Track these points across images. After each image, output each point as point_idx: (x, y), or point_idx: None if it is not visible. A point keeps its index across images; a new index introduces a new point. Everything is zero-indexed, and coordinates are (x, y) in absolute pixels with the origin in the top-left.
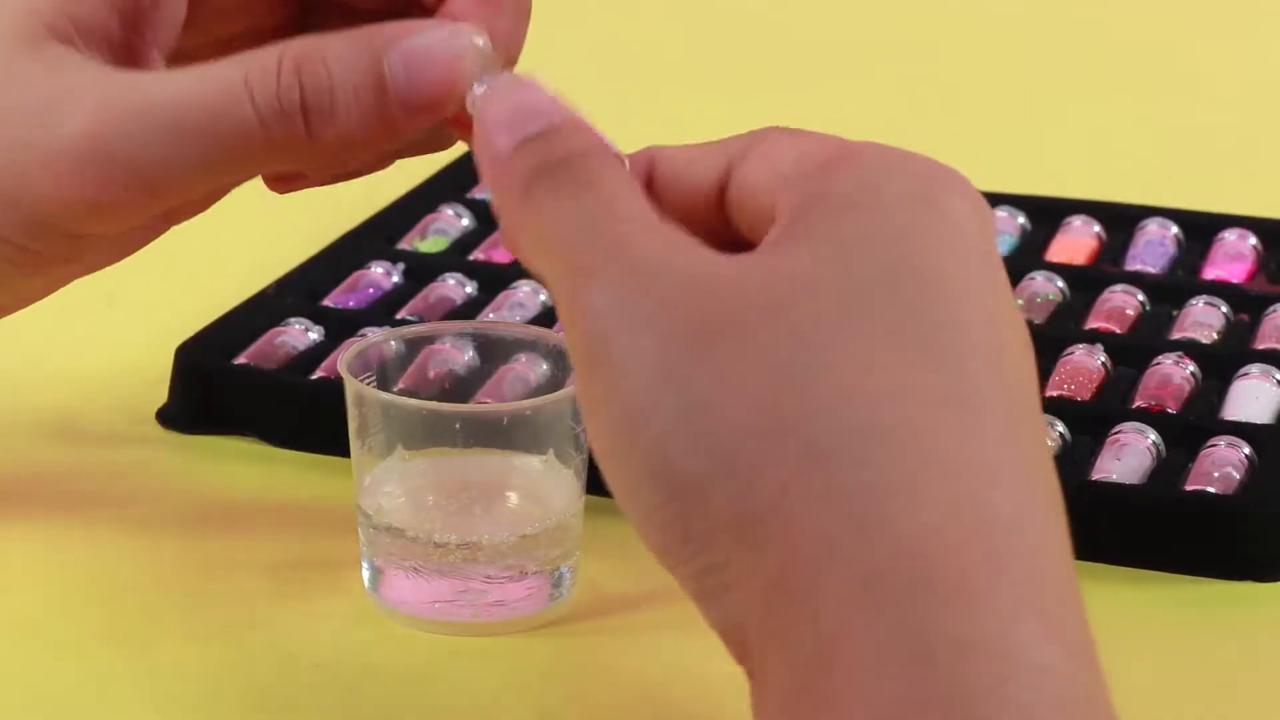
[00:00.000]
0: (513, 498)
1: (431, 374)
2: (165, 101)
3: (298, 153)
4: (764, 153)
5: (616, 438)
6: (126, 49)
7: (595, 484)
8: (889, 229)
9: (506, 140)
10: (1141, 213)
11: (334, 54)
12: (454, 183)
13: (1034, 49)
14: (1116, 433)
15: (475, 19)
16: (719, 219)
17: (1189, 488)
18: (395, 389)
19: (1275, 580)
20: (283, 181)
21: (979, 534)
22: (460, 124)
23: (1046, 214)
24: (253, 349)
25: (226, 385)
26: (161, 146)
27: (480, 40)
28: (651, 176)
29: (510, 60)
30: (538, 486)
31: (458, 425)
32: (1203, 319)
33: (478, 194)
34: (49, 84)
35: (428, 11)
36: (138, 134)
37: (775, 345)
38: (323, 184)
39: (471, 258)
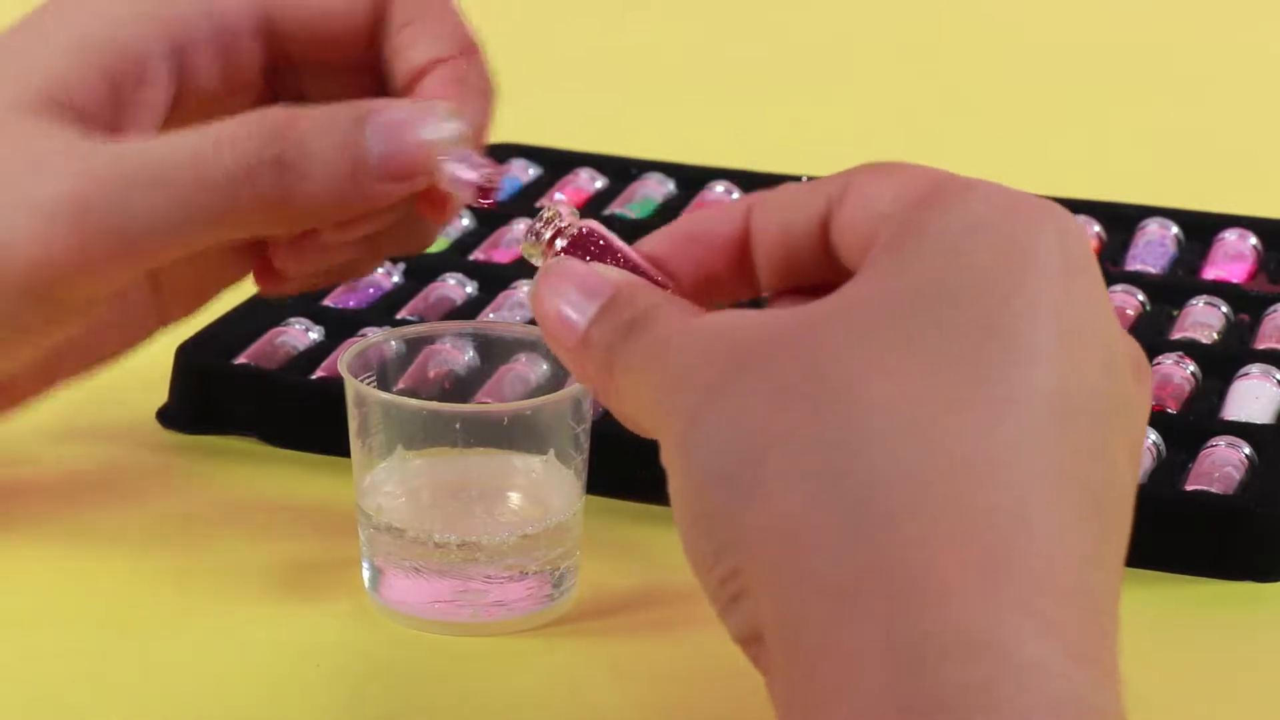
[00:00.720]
0: (513, 498)
1: (431, 374)
2: (144, 161)
3: (275, 215)
4: (861, 192)
5: (671, 481)
6: (111, 128)
7: (595, 484)
8: (948, 249)
9: (577, 317)
10: (1141, 213)
11: (309, 119)
12: None
13: (1034, 50)
14: None
15: (446, 99)
16: (828, 263)
17: (1189, 488)
18: (395, 389)
19: (1275, 580)
20: (272, 281)
21: (972, 532)
22: (432, 201)
23: None
24: (253, 349)
25: (226, 385)
26: (141, 205)
27: (453, 117)
28: (750, 223)
29: (478, 143)
30: (538, 486)
31: (458, 425)
32: (1203, 319)
33: None
34: (34, 148)
35: (399, 96)
36: (117, 194)
37: (786, 366)
38: (312, 288)
39: (471, 258)
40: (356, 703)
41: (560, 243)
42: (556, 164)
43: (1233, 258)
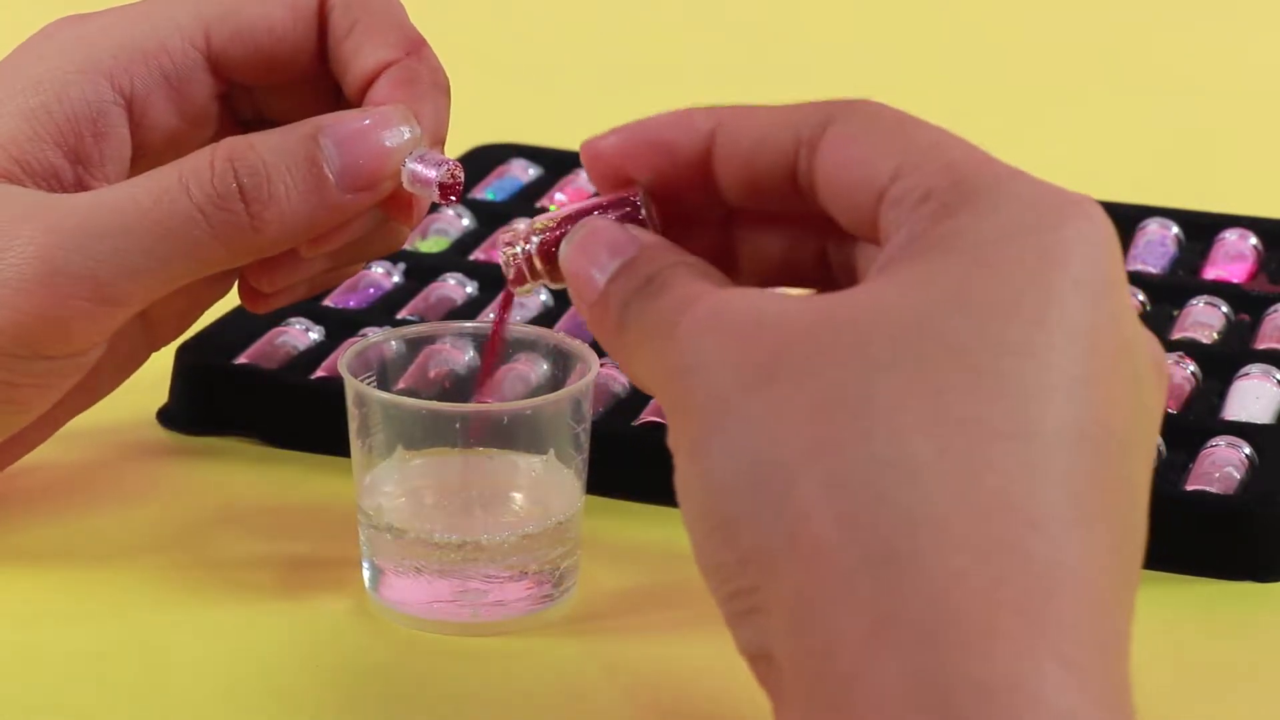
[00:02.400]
0: (513, 498)
1: (431, 374)
2: (107, 209)
3: (246, 242)
4: (846, 149)
5: (680, 475)
6: (77, 184)
7: (595, 484)
8: (981, 261)
9: (598, 277)
10: (1141, 213)
11: (265, 143)
12: None
13: (1034, 49)
14: None
15: (399, 101)
16: (794, 193)
17: (1189, 488)
18: (395, 389)
19: (1275, 580)
20: (255, 300)
21: (1006, 577)
22: (398, 204)
23: None
24: (253, 349)
25: (226, 385)
26: (110, 253)
27: (407, 119)
28: (714, 144)
29: (437, 139)
30: (538, 486)
31: (458, 425)
32: (1203, 319)
33: (478, 194)
34: None
35: (354, 105)
36: (85, 245)
37: (822, 378)
38: (295, 300)
39: (471, 258)
40: (356, 703)
41: (538, 263)
42: (556, 164)
43: (1233, 258)
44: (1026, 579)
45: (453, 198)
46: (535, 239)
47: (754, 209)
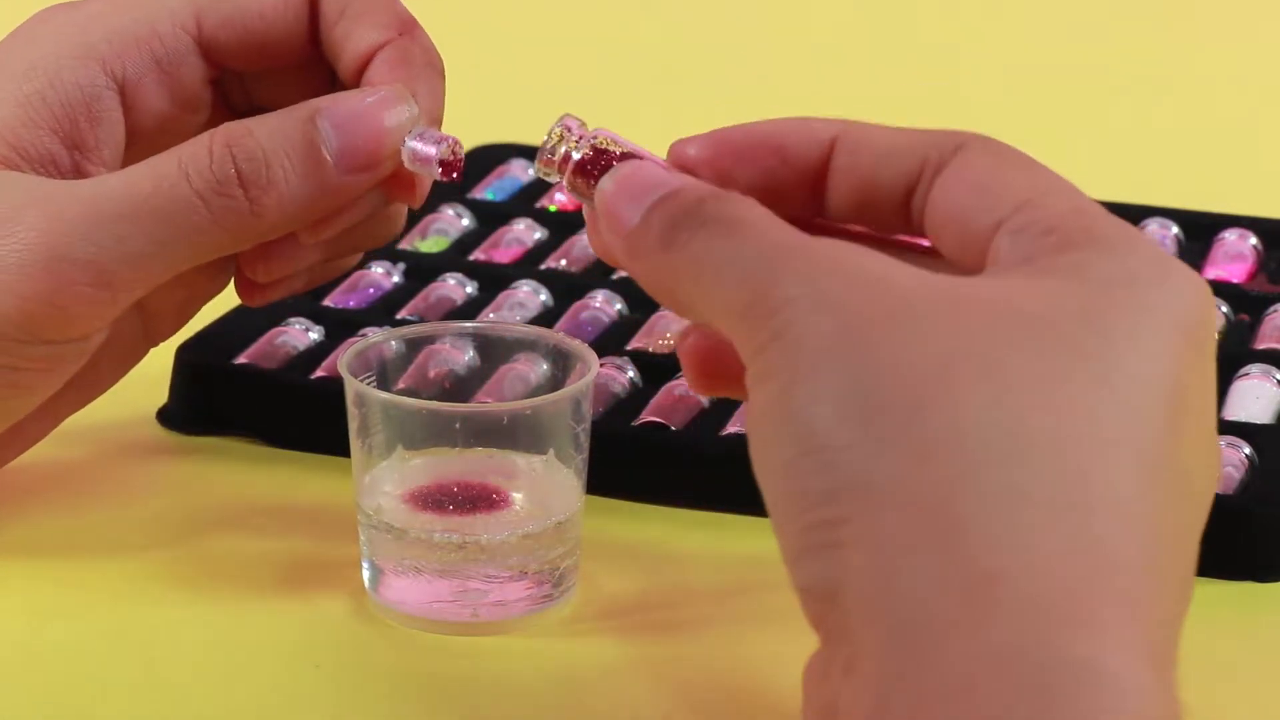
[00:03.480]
0: (513, 497)
1: (431, 374)
2: (108, 195)
3: (246, 227)
4: (969, 173)
5: (773, 401)
6: (74, 169)
7: (595, 484)
8: (1094, 288)
9: (632, 213)
10: (1142, 213)
11: (262, 128)
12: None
13: (1034, 49)
14: None
15: (394, 81)
16: (902, 218)
17: None
18: (395, 389)
19: (1275, 580)
20: (251, 292)
21: (1107, 568)
22: (400, 184)
23: None
24: (253, 349)
25: (226, 385)
26: (112, 239)
27: (404, 98)
28: (834, 154)
29: (434, 118)
30: (538, 486)
31: (458, 425)
32: None
33: (478, 194)
34: None
35: (349, 88)
36: (87, 230)
37: (952, 337)
38: (293, 292)
39: (471, 258)
40: (356, 702)
41: (576, 155)
42: None
43: (1233, 258)
44: (1128, 579)
45: (455, 174)
46: (579, 155)
47: (842, 223)
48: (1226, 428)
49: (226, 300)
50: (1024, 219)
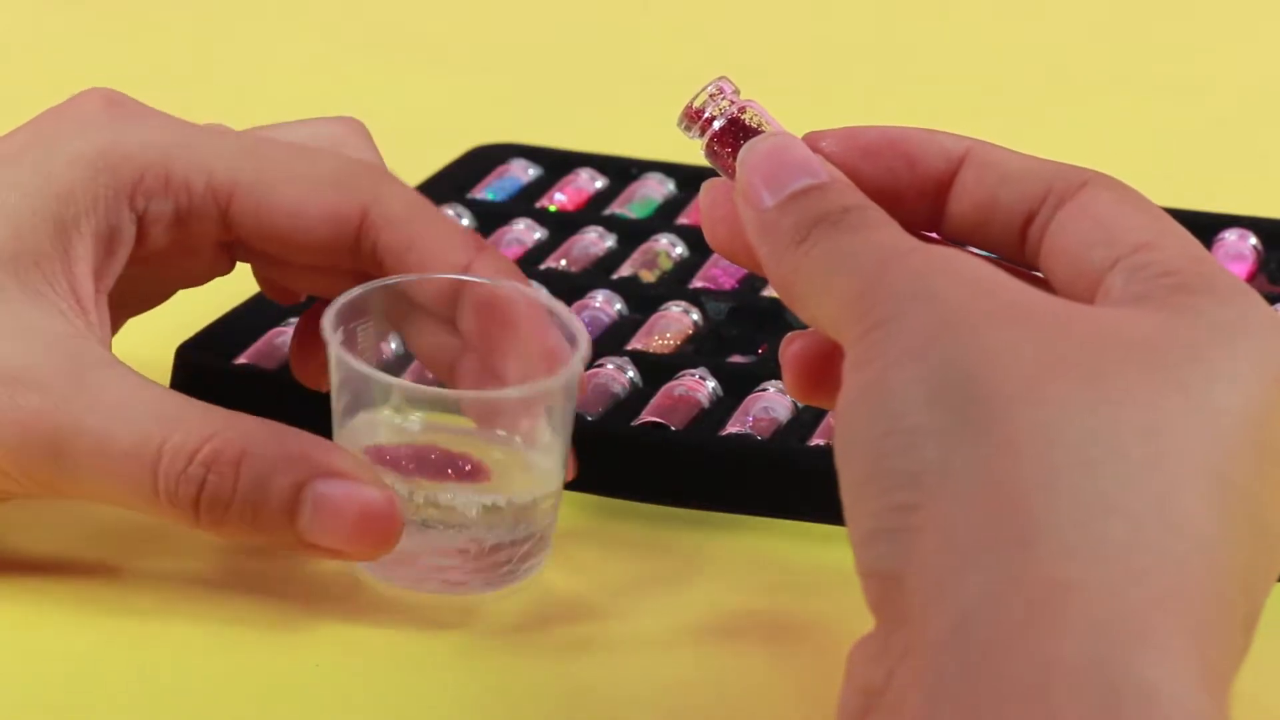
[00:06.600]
0: (490, 474)
1: (431, 374)
2: (89, 430)
3: (188, 525)
4: (1093, 208)
5: (870, 383)
6: (88, 297)
7: (595, 484)
8: (1206, 332)
9: (770, 197)
10: None
11: (252, 467)
12: (454, 182)
13: (1034, 49)
14: None
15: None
16: (1014, 243)
17: None
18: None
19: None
20: (286, 293)
21: (1189, 600)
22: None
23: None
24: (253, 349)
25: (226, 385)
26: (71, 469)
27: (391, 502)
28: (962, 169)
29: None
30: (516, 464)
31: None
32: None
33: (478, 194)
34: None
35: (368, 258)
36: (54, 444)
37: (1047, 343)
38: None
39: None
40: (356, 702)
41: (718, 123)
42: (556, 164)
43: (1233, 258)
44: (1204, 609)
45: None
46: (721, 123)
47: (955, 241)
48: None
49: (226, 300)
50: (1142, 259)
